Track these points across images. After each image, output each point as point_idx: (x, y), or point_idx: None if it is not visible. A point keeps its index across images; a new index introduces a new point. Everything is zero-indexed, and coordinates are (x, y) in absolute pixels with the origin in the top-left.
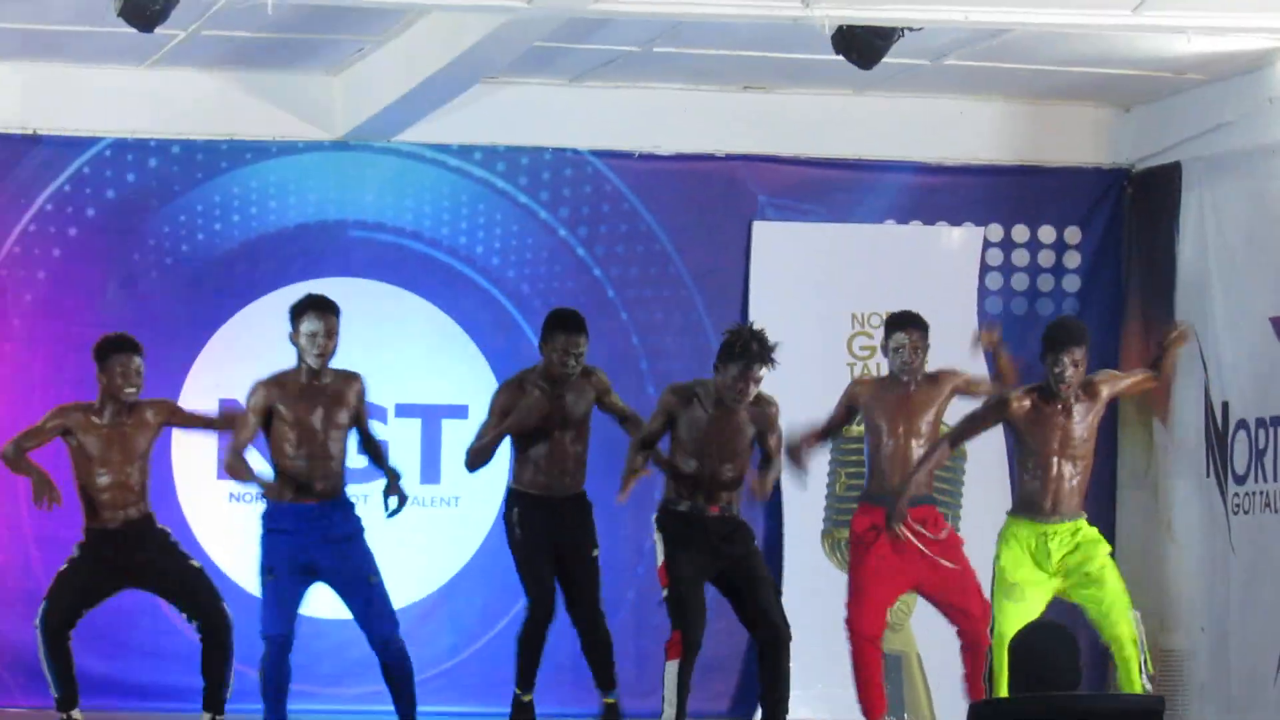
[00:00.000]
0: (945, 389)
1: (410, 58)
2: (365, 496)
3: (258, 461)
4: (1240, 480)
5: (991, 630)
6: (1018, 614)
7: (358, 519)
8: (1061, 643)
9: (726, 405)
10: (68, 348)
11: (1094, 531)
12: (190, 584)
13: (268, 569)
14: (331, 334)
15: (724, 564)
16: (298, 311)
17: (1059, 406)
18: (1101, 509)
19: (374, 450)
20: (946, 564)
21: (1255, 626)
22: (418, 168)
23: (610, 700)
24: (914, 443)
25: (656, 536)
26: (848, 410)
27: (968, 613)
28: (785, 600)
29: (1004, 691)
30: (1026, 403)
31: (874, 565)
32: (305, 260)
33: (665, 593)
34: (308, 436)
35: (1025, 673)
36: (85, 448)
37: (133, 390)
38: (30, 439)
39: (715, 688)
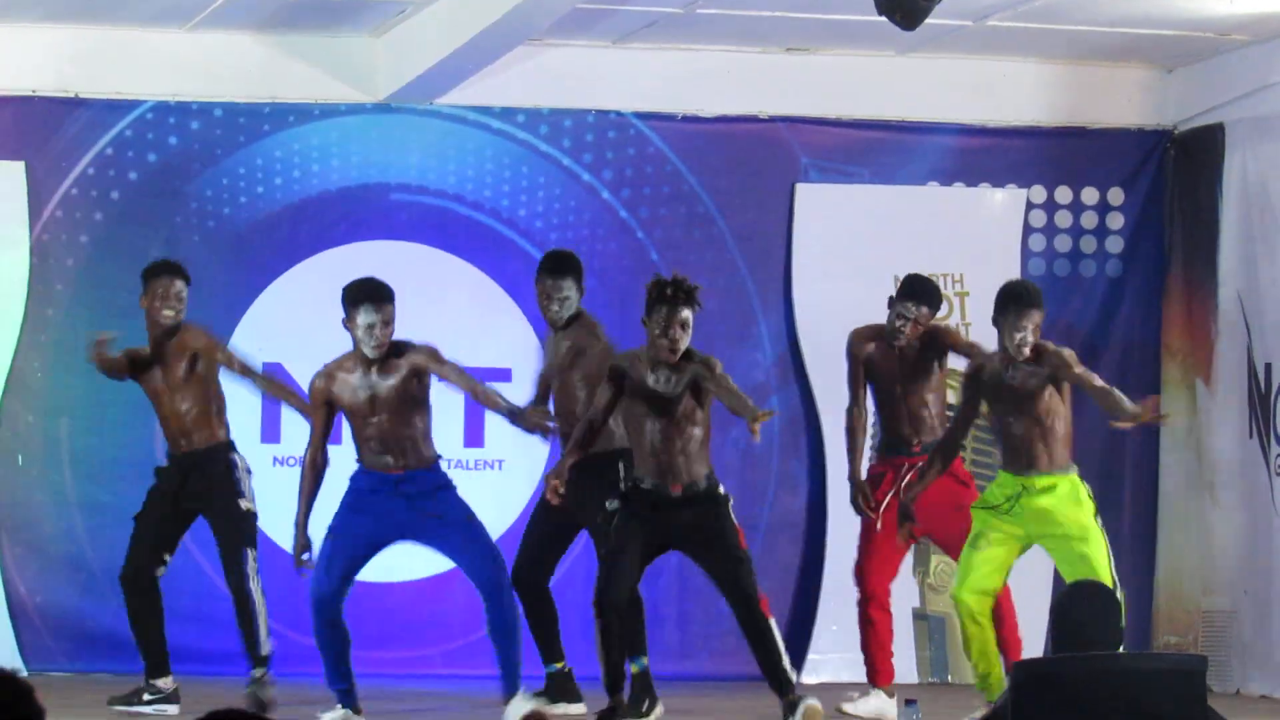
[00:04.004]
0: (939, 345)
1: (453, 19)
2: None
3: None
4: None
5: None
6: (980, 560)
7: (446, 478)
8: (1103, 602)
9: (663, 391)
10: (110, 312)
11: (1077, 491)
12: (228, 524)
13: (330, 530)
14: (388, 323)
15: (683, 537)
16: (352, 300)
17: (1010, 370)
18: (1143, 471)
19: (486, 400)
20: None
21: None
22: (460, 130)
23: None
24: (913, 398)
25: (617, 504)
26: (864, 365)
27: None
28: (830, 560)
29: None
30: (986, 373)
31: (879, 522)
32: (348, 223)
33: (604, 551)
34: (374, 419)
35: (1066, 632)
36: (144, 383)
37: (170, 314)
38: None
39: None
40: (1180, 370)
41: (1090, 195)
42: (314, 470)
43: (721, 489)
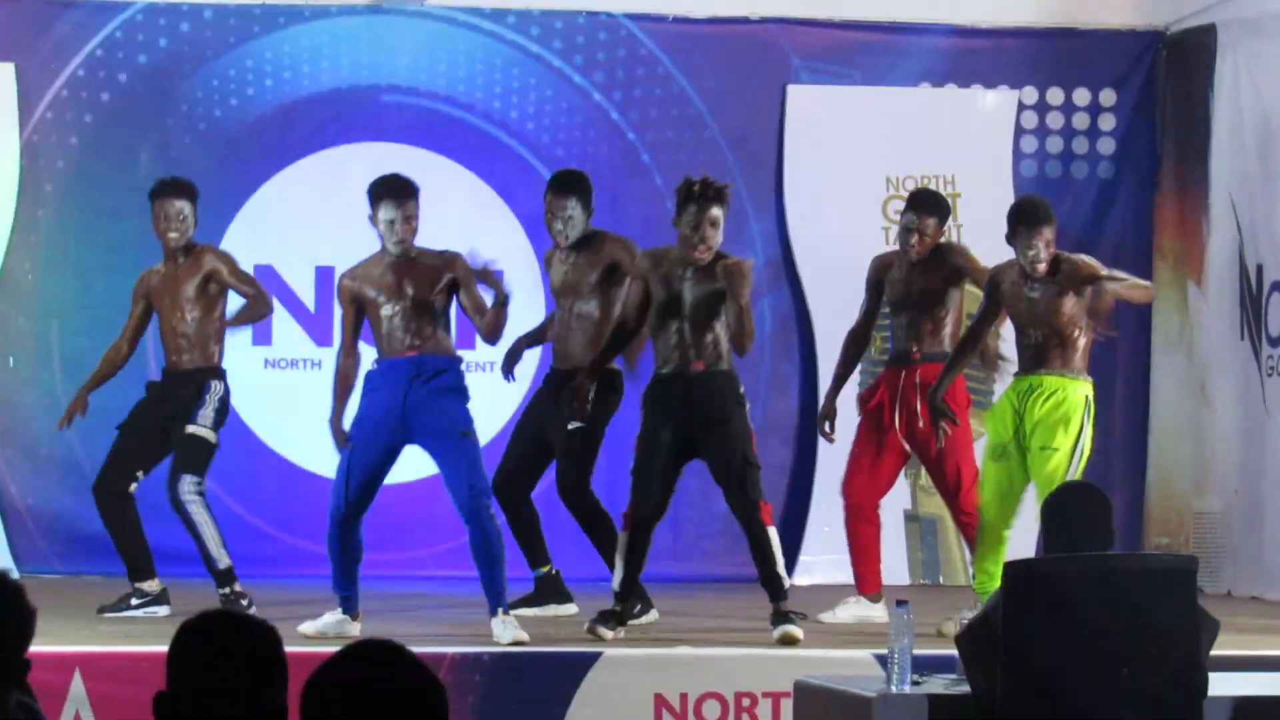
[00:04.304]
0: (952, 266)
1: None
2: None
3: None
4: (1275, 343)
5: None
6: (998, 473)
7: (461, 376)
8: (1094, 503)
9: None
10: (100, 213)
11: (1077, 402)
12: (178, 445)
13: (348, 442)
14: (410, 219)
15: (695, 435)
16: (374, 196)
17: (1029, 283)
18: (1136, 372)
19: (485, 328)
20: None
21: None
22: (451, 32)
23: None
24: (925, 321)
25: (642, 411)
26: (875, 291)
27: (944, 480)
28: (821, 463)
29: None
30: (1007, 282)
31: (866, 433)
32: (338, 125)
33: (633, 464)
34: (398, 304)
35: (1057, 533)
36: (154, 298)
37: (175, 235)
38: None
39: (750, 553)
40: (1172, 271)
41: (1082, 96)
42: (345, 367)
43: (742, 389)
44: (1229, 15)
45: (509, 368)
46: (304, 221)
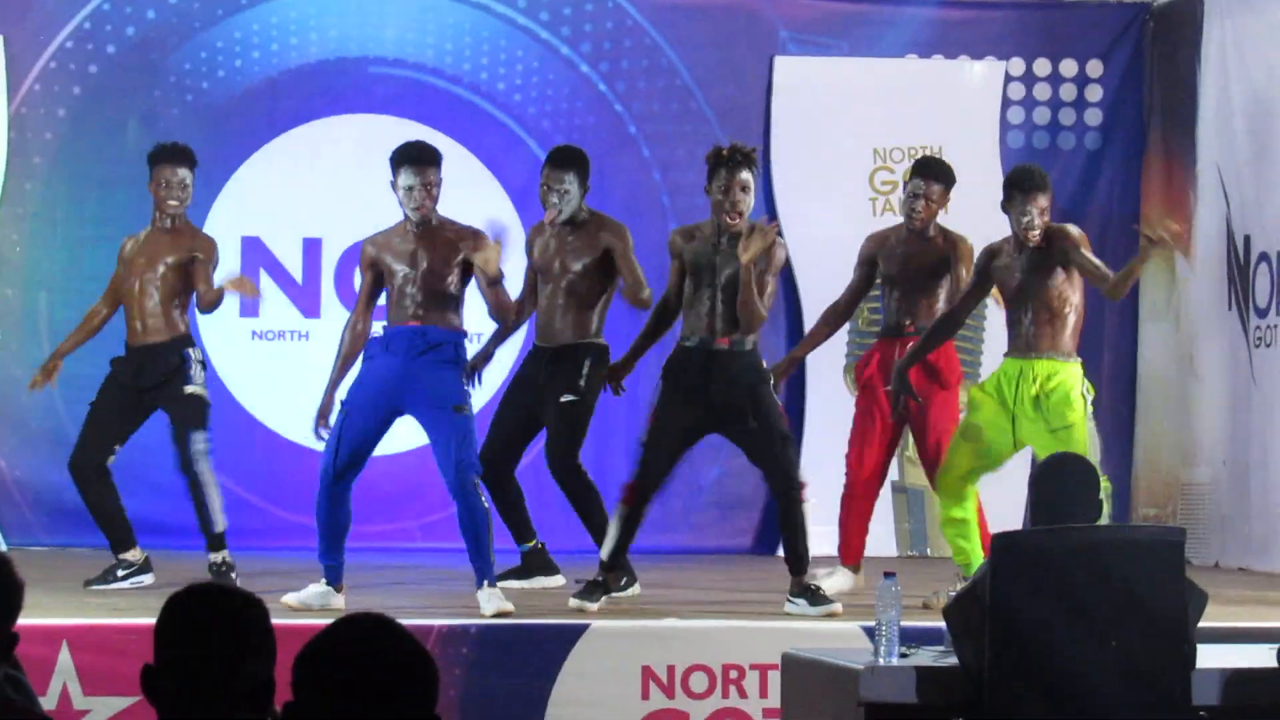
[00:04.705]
0: (949, 254)
1: None
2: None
3: None
4: (1262, 313)
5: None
6: (970, 453)
7: (462, 351)
8: (1081, 475)
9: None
10: (89, 185)
11: (1072, 383)
12: (177, 407)
13: (342, 405)
14: (430, 186)
15: (722, 414)
16: (395, 163)
17: (1021, 255)
18: (1123, 343)
19: (496, 308)
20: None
21: (1276, 460)
22: (438, 4)
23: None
24: (917, 292)
25: (660, 383)
26: (867, 269)
27: (926, 453)
28: (807, 435)
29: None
30: (1001, 257)
31: (865, 406)
32: (326, 97)
33: (643, 436)
34: (413, 272)
35: (1044, 505)
36: (127, 264)
37: (175, 204)
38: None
39: (738, 524)
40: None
41: (1069, 67)
42: (352, 334)
43: (765, 364)
44: None
45: (476, 370)
46: (291, 193)
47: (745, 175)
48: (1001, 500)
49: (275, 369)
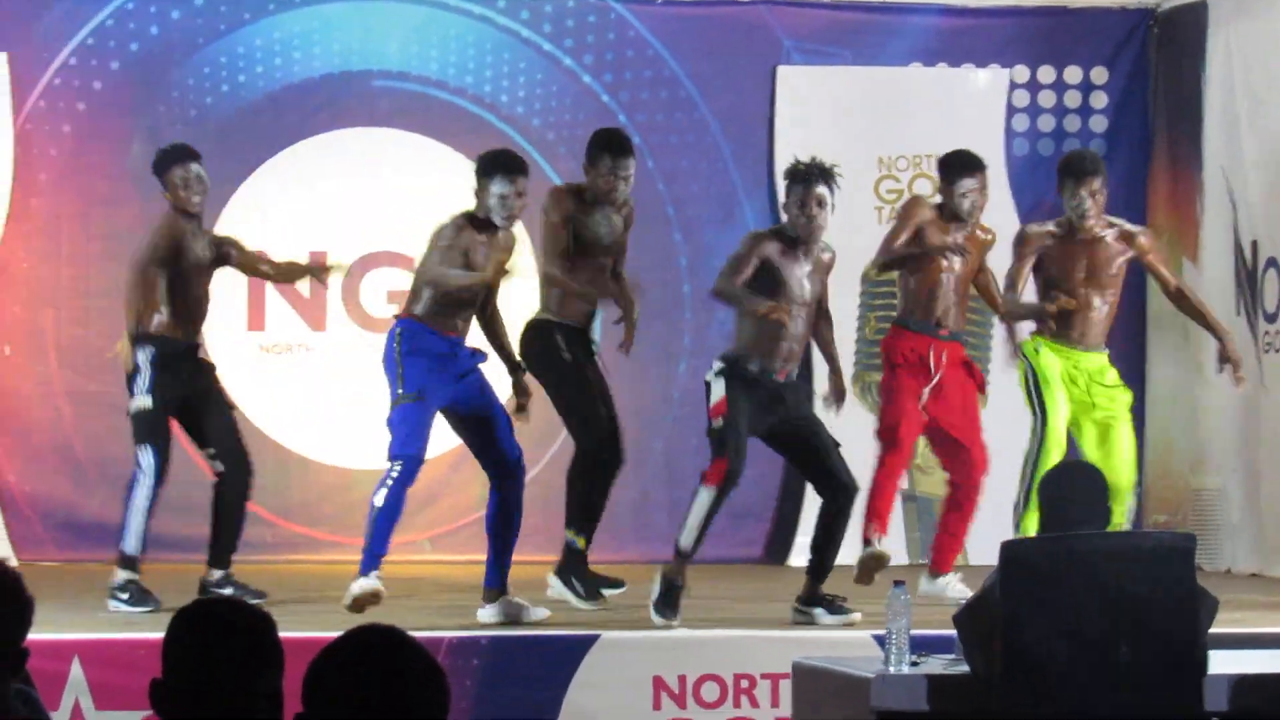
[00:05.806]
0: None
1: None
2: None
3: None
4: (1271, 319)
5: (1044, 426)
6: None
7: (481, 357)
8: (1089, 482)
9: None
10: (93, 202)
11: (1117, 375)
12: (230, 424)
13: (417, 391)
14: (522, 194)
15: (780, 424)
16: (486, 170)
17: (1080, 238)
18: (1132, 349)
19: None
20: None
21: None
22: (442, 16)
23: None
24: (965, 287)
25: (716, 380)
26: (918, 232)
27: (969, 453)
28: None
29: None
30: (1047, 235)
31: (906, 382)
32: (330, 111)
33: (717, 424)
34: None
35: (1055, 513)
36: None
37: (199, 199)
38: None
39: (748, 534)
40: (1166, 248)
41: (1073, 74)
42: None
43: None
44: None
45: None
46: (297, 207)
47: (821, 190)
48: (1002, 500)
49: (282, 382)
